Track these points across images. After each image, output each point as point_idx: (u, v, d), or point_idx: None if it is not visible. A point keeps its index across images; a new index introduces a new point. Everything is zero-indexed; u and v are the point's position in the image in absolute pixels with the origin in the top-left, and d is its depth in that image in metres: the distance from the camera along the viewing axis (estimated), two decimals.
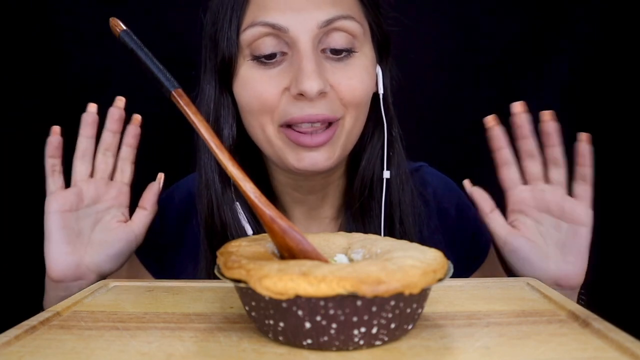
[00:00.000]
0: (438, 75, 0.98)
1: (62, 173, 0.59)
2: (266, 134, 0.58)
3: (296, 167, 0.57)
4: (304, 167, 0.57)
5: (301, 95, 0.54)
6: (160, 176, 0.65)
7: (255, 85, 0.57)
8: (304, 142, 0.56)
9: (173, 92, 0.41)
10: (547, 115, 0.58)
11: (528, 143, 0.58)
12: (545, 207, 0.58)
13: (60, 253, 0.56)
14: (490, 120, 0.60)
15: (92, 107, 0.61)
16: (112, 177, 0.62)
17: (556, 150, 0.57)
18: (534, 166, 0.59)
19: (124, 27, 0.44)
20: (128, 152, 0.63)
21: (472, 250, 0.71)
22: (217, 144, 0.40)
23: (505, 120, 0.60)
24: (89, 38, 0.90)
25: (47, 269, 0.57)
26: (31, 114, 0.90)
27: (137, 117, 0.63)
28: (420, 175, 0.72)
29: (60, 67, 0.92)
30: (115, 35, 0.44)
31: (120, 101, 0.62)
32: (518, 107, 0.59)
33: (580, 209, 0.56)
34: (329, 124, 0.57)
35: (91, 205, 0.59)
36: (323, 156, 0.57)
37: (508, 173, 0.60)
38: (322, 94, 0.55)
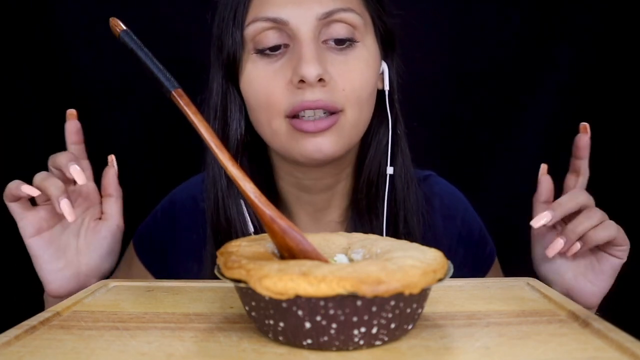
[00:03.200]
0: (438, 74, 0.98)
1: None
2: (273, 127, 0.58)
3: (301, 155, 0.58)
4: (309, 154, 0.57)
5: (302, 83, 0.55)
6: (112, 158, 0.61)
7: (260, 81, 0.58)
8: (307, 128, 0.56)
9: (173, 92, 0.41)
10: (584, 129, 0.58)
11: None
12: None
13: (54, 272, 0.55)
14: (586, 129, 0.59)
15: None
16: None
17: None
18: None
19: (124, 27, 0.44)
20: (77, 150, 0.59)
21: (476, 261, 0.71)
22: (217, 144, 0.40)
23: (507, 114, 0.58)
24: (90, 38, 0.90)
25: (47, 289, 0.56)
26: (31, 114, 0.90)
27: (71, 112, 0.59)
28: (428, 185, 0.72)
29: (61, 67, 0.92)
30: (115, 35, 0.44)
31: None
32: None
33: (622, 243, 0.55)
34: (331, 113, 0.57)
35: None
36: (327, 142, 0.57)
37: (571, 180, 0.60)
38: (322, 81, 0.55)
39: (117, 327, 0.38)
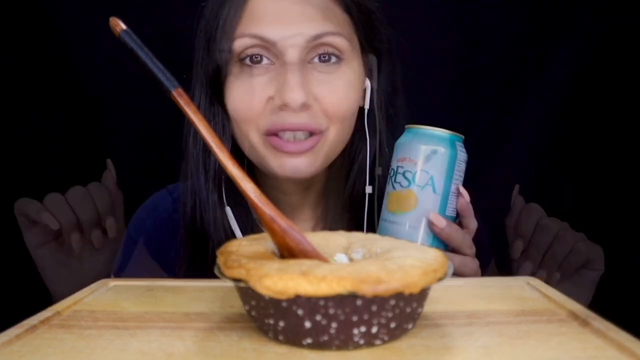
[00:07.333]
0: (438, 74, 0.98)
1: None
2: (250, 141, 0.59)
3: (279, 174, 0.58)
4: (285, 174, 0.58)
5: (285, 106, 0.55)
6: (110, 163, 0.64)
7: (242, 96, 0.58)
8: (287, 149, 0.57)
9: (173, 92, 0.41)
10: None
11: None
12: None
13: (59, 280, 0.56)
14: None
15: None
16: None
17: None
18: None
19: (124, 27, 0.44)
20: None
21: None
22: (217, 144, 0.40)
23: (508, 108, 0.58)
24: (90, 38, 0.91)
25: (52, 293, 0.57)
26: (31, 114, 0.90)
27: None
28: None
29: (61, 67, 0.92)
30: (115, 35, 0.44)
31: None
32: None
33: (595, 255, 0.58)
34: (311, 133, 0.57)
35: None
36: (305, 163, 0.58)
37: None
38: (305, 106, 0.55)
39: (117, 326, 0.38)
